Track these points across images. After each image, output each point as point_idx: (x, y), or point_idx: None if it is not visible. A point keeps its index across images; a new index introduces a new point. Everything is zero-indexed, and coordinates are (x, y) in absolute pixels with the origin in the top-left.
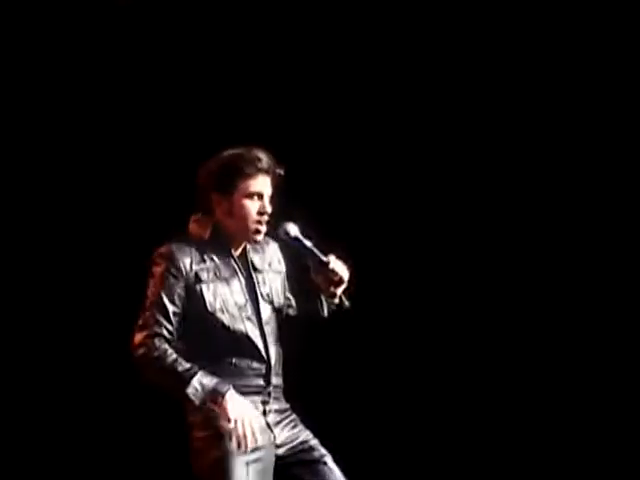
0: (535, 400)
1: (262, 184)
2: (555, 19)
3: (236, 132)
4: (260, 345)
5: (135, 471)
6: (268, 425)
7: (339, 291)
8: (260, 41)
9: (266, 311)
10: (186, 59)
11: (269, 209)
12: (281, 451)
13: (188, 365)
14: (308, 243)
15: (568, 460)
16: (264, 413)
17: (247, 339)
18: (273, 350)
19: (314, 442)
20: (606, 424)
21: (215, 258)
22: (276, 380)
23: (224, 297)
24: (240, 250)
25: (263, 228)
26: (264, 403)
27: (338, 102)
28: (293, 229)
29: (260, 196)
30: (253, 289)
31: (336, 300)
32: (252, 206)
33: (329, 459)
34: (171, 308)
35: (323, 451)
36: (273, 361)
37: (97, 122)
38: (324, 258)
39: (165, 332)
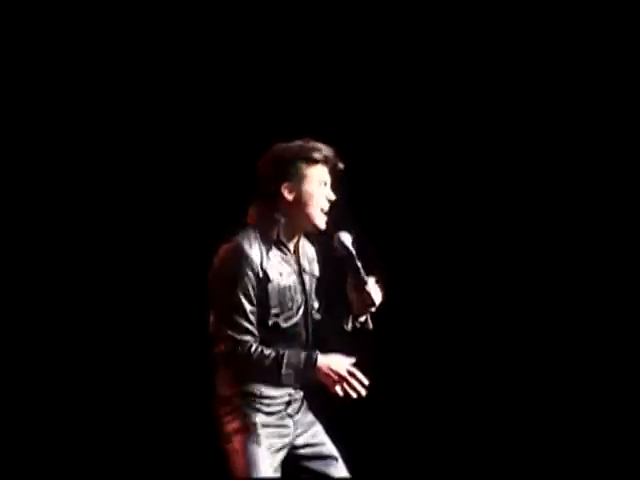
0: (535, 399)
1: (326, 172)
2: (555, 19)
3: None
4: (303, 343)
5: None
6: (290, 416)
7: (367, 313)
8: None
9: (311, 311)
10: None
11: (333, 196)
12: (299, 441)
13: (273, 354)
14: (356, 256)
15: (568, 460)
16: (289, 405)
17: (296, 337)
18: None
19: (327, 438)
20: (606, 424)
21: (278, 255)
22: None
23: (285, 295)
24: (294, 247)
25: (326, 216)
26: (290, 395)
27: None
28: (347, 238)
29: (325, 184)
30: (303, 290)
31: (362, 319)
32: (321, 193)
33: (339, 457)
34: (249, 308)
35: (334, 448)
36: None
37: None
38: (365, 277)
39: (247, 336)
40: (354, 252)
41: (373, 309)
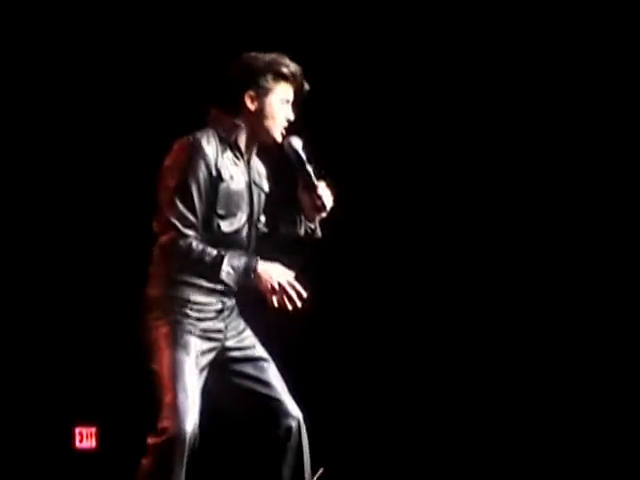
0: (533, 395)
1: (291, 91)
2: (555, 19)
3: None
4: (243, 250)
5: None
6: (222, 320)
7: (318, 217)
8: None
9: (255, 220)
10: None
11: (293, 117)
12: (230, 343)
13: (214, 252)
14: (306, 160)
15: (568, 460)
16: (221, 312)
17: (237, 242)
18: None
19: (257, 341)
20: (606, 424)
21: (232, 159)
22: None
23: (232, 199)
24: (248, 157)
25: (282, 132)
26: (223, 303)
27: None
28: (297, 142)
29: (288, 102)
30: (251, 200)
31: (312, 225)
32: (282, 110)
33: (270, 360)
34: (197, 202)
35: (264, 351)
36: None
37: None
38: (316, 182)
39: (191, 230)
40: (304, 156)
41: (324, 213)
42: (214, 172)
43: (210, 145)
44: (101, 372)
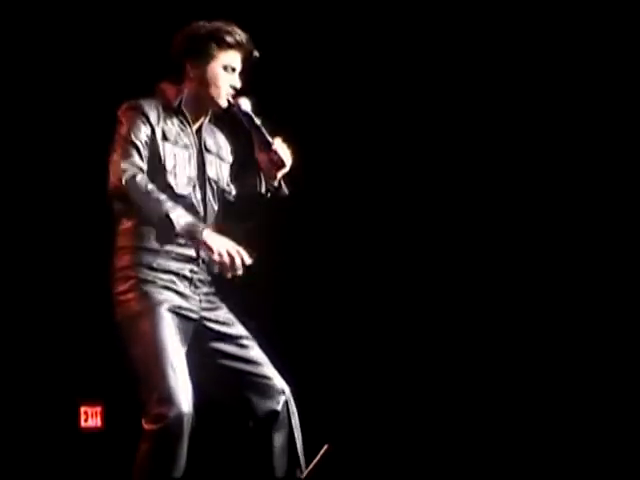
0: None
1: (238, 59)
2: (555, 19)
3: None
4: (199, 216)
5: None
6: (195, 287)
7: (279, 175)
8: None
9: (211, 188)
10: None
11: (239, 84)
12: (206, 314)
13: (164, 196)
14: (257, 121)
15: (568, 460)
16: (190, 281)
17: (189, 208)
18: (210, 225)
19: (237, 321)
20: (606, 424)
21: (177, 124)
22: (206, 254)
23: (179, 162)
24: (197, 126)
25: (227, 100)
26: (192, 272)
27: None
28: (245, 104)
29: (233, 70)
30: (202, 167)
31: (275, 183)
32: (225, 78)
33: (250, 337)
34: (141, 147)
35: (244, 329)
36: None
37: None
38: (269, 139)
39: (137, 169)
40: (253, 115)
41: (285, 170)
42: (158, 131)
43: (151, 108)
44: (105, 351)
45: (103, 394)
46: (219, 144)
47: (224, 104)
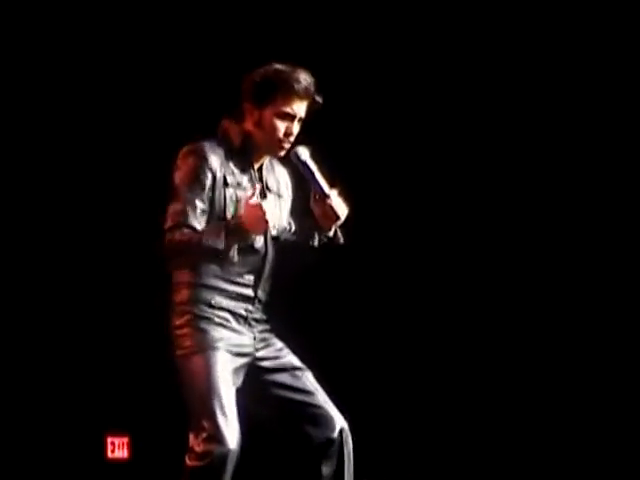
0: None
1: (296, 107)
2: (555, 19)
3: None
4: (259, 257)
5: None
6: (250, 326)
7: (333, 226)
8: None
9: (272, 228)
10: None
11: (295, 132)
12: (260, 354)
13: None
14: (315, 170)
15: (568, 460)
16: (245, 320)
17: (250, 250)
18: (268, 266)
19: (291, 353)
20: (606, 424)
21: (239, 166)
22: (262, 295)
23: (241, 207)
24: (258, 165)
25: (285, 148)
26: (247, 311)
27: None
28: (304, 153)
29: (292, 117)
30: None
31: (330, 234)
32: (281, 125)
33: (305, 368)
34: (200, 205)
35: (298, 360)
36: (265, 275)
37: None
38: (326, 190)
39: (195, 225)
40: (311, 165)
41: (339, 222)
42: (219, 177)
43: (214, 152)
44: (133, 382)
45: (130, 425)
46: (279, 181)
47: (279, 152)
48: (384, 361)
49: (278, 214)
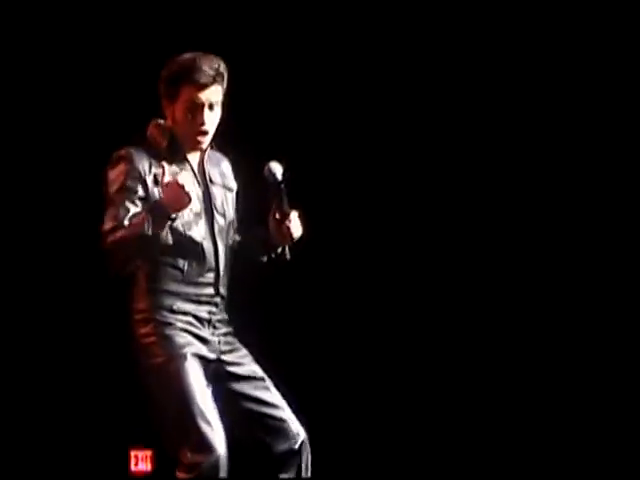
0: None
1: (203, 95)
2: (555, 19)
3: None
4: (211, 253)
5: None
6: (214, 327)
7: (285, 244)
8: None
9: (219, 222)
10: None
11: (209, 120)
12: (225, 358)
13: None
14: (283, 189)
15: (568, 460)
16: (209, 322)
17: (199, 246)
18: (222, 260)
19: (254, 361)
20: (606, 424)
21: (175, 163)
22: (223, 290)
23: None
24: (199, 159)
25: (204, 139)
26: (210, 313)
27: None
28: (279, 169)
29: (201, 107)
30: (209, 199)
31: (279, 250)
32: (191, 116)
33: (268, 380)
34: (133, 208)
35: (262, 372)
36: (222, 271)
37: None
38: (287, 209)
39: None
40: (282, 184)
41: (291, 243)
42: (150, 179)
43: (140, 154)
44: None
45: (154, 438)
46: (224, 173)
47: (198, 145)
48: (346, 367)
49: (226, 207)
